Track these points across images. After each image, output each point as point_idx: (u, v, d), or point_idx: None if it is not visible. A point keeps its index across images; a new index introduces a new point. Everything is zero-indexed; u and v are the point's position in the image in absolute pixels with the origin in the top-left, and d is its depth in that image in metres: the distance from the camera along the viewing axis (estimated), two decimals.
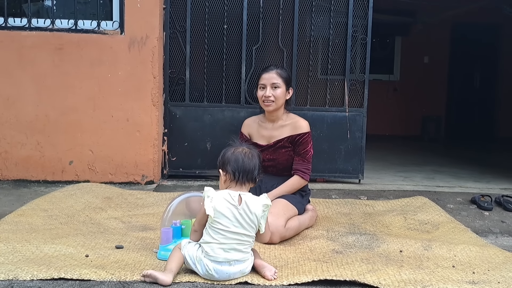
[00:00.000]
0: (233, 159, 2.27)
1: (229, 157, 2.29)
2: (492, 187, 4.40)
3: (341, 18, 4.31)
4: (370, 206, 3.63)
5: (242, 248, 2.20)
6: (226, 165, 2.28)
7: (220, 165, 2.31)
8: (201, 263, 2.18)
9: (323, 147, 4.27)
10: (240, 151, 2.31)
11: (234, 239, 2.18)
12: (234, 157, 2.28)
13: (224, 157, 2.30)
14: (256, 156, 2.34)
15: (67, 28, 4.10)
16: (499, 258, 2.56)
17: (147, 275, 2.15)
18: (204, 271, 2.18)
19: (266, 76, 3.09)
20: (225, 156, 2.30)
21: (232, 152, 2.31)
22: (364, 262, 2.45)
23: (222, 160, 2.30)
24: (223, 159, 2.30)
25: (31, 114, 4.09)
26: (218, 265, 2.16)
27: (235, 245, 2.18)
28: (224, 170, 2.29)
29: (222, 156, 2.31)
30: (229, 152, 2.31)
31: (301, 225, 2.97)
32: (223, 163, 2.29)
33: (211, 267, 2.16)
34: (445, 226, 3.16)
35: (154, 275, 2.13)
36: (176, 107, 4.31)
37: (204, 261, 2.17)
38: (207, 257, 2.17)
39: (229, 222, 2.17)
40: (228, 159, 2.28)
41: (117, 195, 3.68)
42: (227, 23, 4.28)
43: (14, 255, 2.39)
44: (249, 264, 2.24)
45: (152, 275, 2.13)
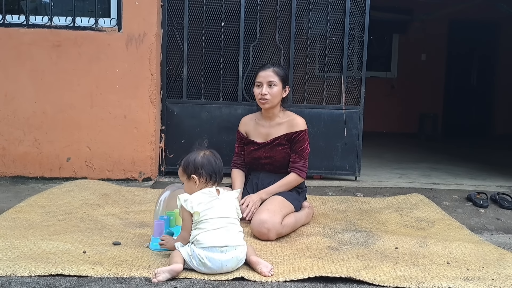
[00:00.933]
0: (206, 163, 2.36)
1: (201, 161, 2.36)
2: (488, 185, 4.42)
3: (338, 16, 4.32)
4: (367, 203, 3.65)
5: (231, 231, 2.26)
6: (200, 169, 2.35)
7: (192, 171, 2.36)
8: (194, 255, 2.20)
9: (320, 144, 4.29)
10: (208, 154, 2.40)
11: (222, 222, 2.25)
12: (206, 161, 2.37)
13: (195, 162, 2.36)
14: (219, 156, 2.45)
15: (65, 25, 4.10)
16: (493, 255, 2.58)
17: (158, 273, 2.14)
18: (197, 263, 2.20)
19: (262, 74, 3.10)
20: (197, 161, 2.37)
21: (202, 156, 2.38)
22: (359, 259, 2.47)
23: (194, 166, 2.36)
24: (195, 165, 2.36)
25: (28, 111, 4.10)
26: (210, 252, 2.19)
27: (223, 228, 2.24)
28: (198, 174, 2.35)
29: (193, 162, 2.36)
30: (199, 157, 2.38)
31: (297, 222, 2.99)
32: (196, 168, 2.35)
33: (203, 256, 2.18)
34: (441, 223, 3.18)
35: (164, 269, 2.16)
36: (174, 104, 4.32)
37: (196, 251, 2.20)
38: (198, 246, 2.20)
39: (214, 211, 2.26)
40: (201, 163, 2.36)
41: (115, 192, 3.70)
42: (224, 21, 4.28)
43: (12, 252, 2.40)
44: (242, 251, 2.27)
45: (162, 270, 2.15)
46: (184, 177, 2.39)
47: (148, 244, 2.60)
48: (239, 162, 3.29)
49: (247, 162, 3.26)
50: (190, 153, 2.42)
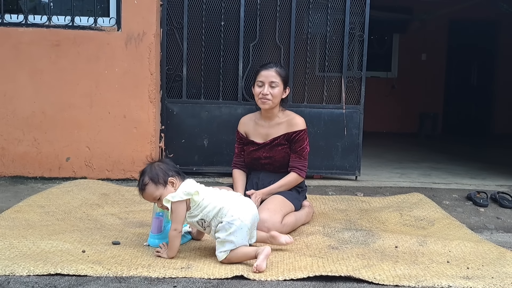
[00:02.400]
0: (166, 167, 2.46)
1: (164, 167, 2.46)
2: (488, 184, 4.42)
3: (338, 15, 4.32)
4: (367, 203, 3.64)
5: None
6: (170, 172, 2.45)
7: (166, 177, 2.43)
8: (243, 226, 2.38)
9: (320, 143, 4.28)
10: (158, 163, 2.50)
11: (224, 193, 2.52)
12: (165, 166, 2.47)
13: (163, 169, 2.45)
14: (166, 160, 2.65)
15: (64, 24, 4.10)
16: (493, 253, 2.57)
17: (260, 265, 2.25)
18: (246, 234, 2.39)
19: (265, 73, 3.08)
20: (162, 167, 2.46)
21: (159, 164, 2.49)
22: (359, 258, 2.47)
23: (164, 172, 2.44)
24: (164, 171, 2.44)
25: (28, 111, 4.09)
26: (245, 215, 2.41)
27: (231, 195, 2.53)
28: (172, 176, 2.45)
29: (161, 170, 2.45)
30: (159, 166, 2.47)
31: (297, 221, 2.99)
32: (167, 173, 2.44)
33: (247, 220, 2.40)
34: (441, 222, 3.17)
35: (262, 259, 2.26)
36: (173, 103, 4.31)
37: (244, 223, 2.38)
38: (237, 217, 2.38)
39: (207, 189, 2.49)
40: (165, 168, 2.46)
41: (114, 192, 3.69)
42: (224, 20, 4.28)
43: (10, 251, 2.40)
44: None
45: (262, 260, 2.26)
46: (160, 189, 2.42)
47: (146, 243, 2.60)
48: (240, 163, 3.27)
49: (247, 162, 3.25)
50: (144, 173, 2.46)
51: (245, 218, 2.38)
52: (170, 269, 2.25)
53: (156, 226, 2.60)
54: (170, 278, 2.18)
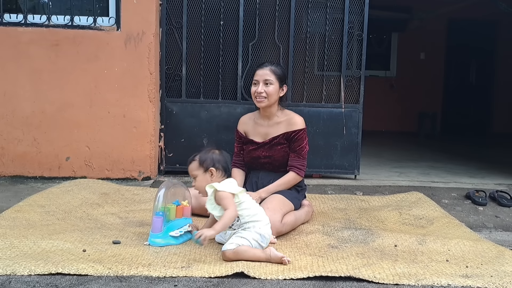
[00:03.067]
0: (222, 159, 2.63)
1: (218, 157, 2.63)
2: (487, 183, 4.43)
3: (337, 14, 4.32)
4: (366, 202, 3.65)
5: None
6: (218, 164, 2.61)
7: (210, 165, 2.60)
8: (263, 235, 2.51)
9: (319, 143, 4.29)
10: (220, 152, 2.66)
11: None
12: (222, 157, 2.64)
13: (213, 158, 2.62)
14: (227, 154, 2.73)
15: (63, 24, 4.10)
16: (492, 252, 2.58)
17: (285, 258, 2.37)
18: (262, 240, 2.49)
19: (259, 72, 3.09)
20: (214, 157, 2.62)
21: (218, 154, 2.64)
22: (359, 257, 2.48)
23: (212, 160, 2.61)
24: (213, 160, 2.61)
25: (27, 110, 4.09)
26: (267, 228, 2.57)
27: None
28: (216, 168, 2.60)
29: (211, 158, 2.61)
30: (215, 154, 2.64)
31: (297, 220, 2.99)
32: (214, 163, 2.60)
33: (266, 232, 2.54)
34: (440, 221, 3.18)
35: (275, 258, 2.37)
36: (173, 103, 4.32)
37: (261, 231, 2.51)
38: (258, 225, 2.52)
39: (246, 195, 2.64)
40: (218, 159, 2.62)
41: (114, 191, 3.70)
42: (223, 19, 4.28)
43: (11, 251, 2.40)
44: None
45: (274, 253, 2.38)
46: (200, 170, 2.60)
47: (147, 243, 2.60)
48: (239, 162, 3.28)
49: (246, 161, 3.25)
50: (202, 151, 2.65)
51: (269, 235, 2.56)
52: (170, 268, 2.25)
53: (156, 226, 2.61)
54: (171, 277, 2.19)
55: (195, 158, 2.63)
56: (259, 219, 2.54)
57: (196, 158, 2.62)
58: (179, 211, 2.74)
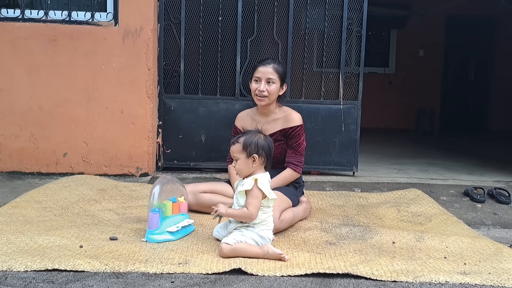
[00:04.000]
0: (266, 146, 2.51)
1: (263, 144, 2.51)
2: (485, 180, 4.42)
3: (336, 11, 4.31)
4: (364, 198, 3.65)
5: None
6: (261, 151, 2.49)
7: (254, 150, 2.48)
8: (264, 237, 2.47)
9: (318, 139, 4.28)
10: (266, 139, 2.55)
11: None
12: (266, 144, 2.52)
13: (258, 143, 2.49)
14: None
15: (60, 19, 4.08)
16: (490, 249, 2.58)
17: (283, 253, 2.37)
18: (261, 242, 2.45)
19: (262, 69, 3.07)
20: (260, 143, 2.50)
21: (263, 139, 2.52)
22: (357, 253, 2.48)
23: (257, 146, 2.49)
24: (257, 145, 2.49)
25: (24, 106, 4.08)
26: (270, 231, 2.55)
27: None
28: (259, 154, 2.49)
29: (256, 143, 2.49)
30: (261, 139, 2.51)
31: (295, 217, 2.99)
32: (258, 149, 2.49)
33: (268, 235, 2.50)
34: (438, 218, 3.18)
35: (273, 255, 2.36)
36: (171, 99, 4.30)
37: (264, 234, 2.48)
38: (265, 228, 2.51)
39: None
40: (263, 145, 2.50)
41: (112, 187, 3.69)
42: (222, 15, 4.26)
43: (8, 247, 2.39)
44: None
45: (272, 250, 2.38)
46: (243, 154, 2.49)
47: (144, 239, 2.60)
48: None
49: None
50: (248, 133, 2.55)
51: (269, 240, 2.51)
52: (167, 265, 2.25)
53: (152, 222, 2.60)
54: (168, 273, 2.18)
55: (239, 141, 2.51)
56: (267, 223, 2.52)
57: (240, 140, 2.50)
58: (175, 207, 2.74)
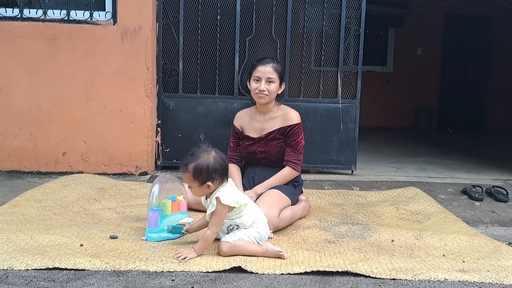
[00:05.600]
0: (218, 167, 2.36)
1: (214, 166, 2.34)
2: (483, 178, 4.44)
3: (334, 10, 4.31)
4: (363, 197, 3.66)
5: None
6: (214, 175, 2.35)
7: (206, 179, 2.34)
8: (261, 236, 2.45)
9: (316, 138, 4.29)
10: (215, 156, 2.38)
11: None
12: (218, 165, 2.36)
13: (209, 169, 2.33)
14: (222, 153, 2.46)
15: (59, 18, 4.08)
16: (488, 247, 2.59)
17: (282, 251, 2.40)
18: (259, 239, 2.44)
19: (262, 69, 3.07)
20: (210, 167, 2.33)
21: (213, 161, 2.35)
22: (356, 251, 2.49)
23: (208, 173, 2.33)
24: (209, 172, 2.33)
25: (23, 105, 4.08)
26: (266, 228, 2.52)
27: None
28: (212, 180, 2.35)
29: (206, 169, 2.32)
30: (211, 162, 2.34)
31: (294, 215, 3.00)
32: (210, 175, 2.34)
33: (265, 232, 2.49)
34: (437, 216, 3.19)
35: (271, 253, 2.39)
36: (170, 98, 4.31)
37: (260, 232, 2.45)
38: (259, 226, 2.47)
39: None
40: (214, 168, 2.34)
41: (111, 186, 3.69)
42: (220, 14, 4.27)
43: (8, 245, 2.40)
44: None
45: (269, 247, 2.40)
46: (195, 183, 2.35)
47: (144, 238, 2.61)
48: (235, 157, 3.28)
49: (242, 157, 3.26)
50: (195, 154, 2.36)
51: (267, 234, 2.52)
52: (167, 263, 2.25)
53: (152, 221, 2.61)
54: (168, 271, 2.19)
55: (188, 169, 2.31)
56: (258, 219, 2.49)
57: (190, 169, 2.31)
58: (174, 206, 2.75)
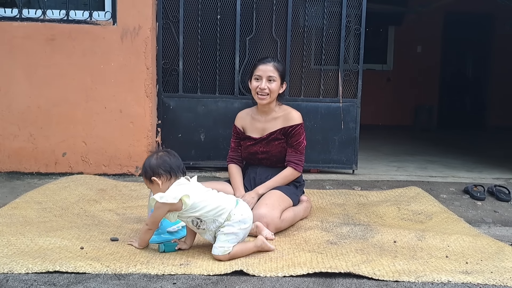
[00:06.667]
0: (161, 162, 2.38)
1: (156, 163, 2.38)
2: (485, 177, 4.43)
3: (335, 8, 4.30)
4: (364, 197, 3.64)
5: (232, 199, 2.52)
6: (158, 169, 2.37)
7: (150, 174, 2.38)
8: (230, 234, 2.37)
9: (317, 137, 4.28)
10: (162, 154, 2.42)
11: (221, 197, 2.48)
12: (161, 160, 2.39)
13: (151, 165, 2.38)
14: (174, 153, 2.48)
15: (58, 18, 4.06)
16: (491, 248, 2.58)
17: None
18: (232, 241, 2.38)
19: (262, 67, 3.05)
20: (152, 164, 2.38)
21: (156, 158, 2.40)
22: (358, 253, 2.47)
23: (151, 168, 2.37)
24: (151, 167, 2.37)
25: (23, 105, 4.06)
26: (242, 224, 2.41)
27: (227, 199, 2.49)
28: (158, 174, 2.37)
29: (149, 166, 2.38)
30: (153, 159, 2.39)
31: (296, 216, 2.98)
32: (153, 170, 2.37)
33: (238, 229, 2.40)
34: (439, 216, 3.18)
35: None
36: (170, 98, 4.29)
37: (232, 229, 2.38)
38: (232, 221, 2.39)
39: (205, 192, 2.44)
40: (157, 164, 2.38)
41: (111, 187, 3.68)
42: (220, 13, 4.25)
43: (8, 248, 2.38)
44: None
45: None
46: (148, 182, 2.42)
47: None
48: (236, 157, 3.26)
49: (243, 157, 3.24)
50: (144, 163, 2.43)
51: (250, 218, 2.46)
52: (169, 266, 2.24)
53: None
54: (169, 274, 2.17)
55: (141, 173, 2.43)
56: (225, 207, 2.38)
57: (142, 173, 2.42)
58: None
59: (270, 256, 2.40)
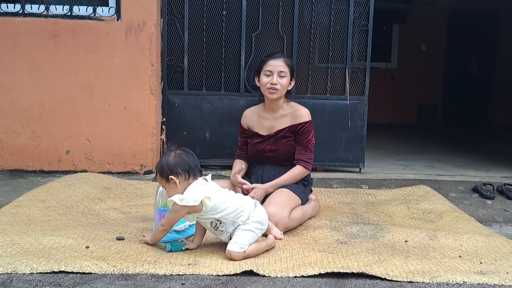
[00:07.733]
0: (179, 161, 2.34)
1: (175, 161, 2.34)
2: (493, 176, 4.38)
3: (342, 5, 4.24)
4: (372, 195, 3.59)
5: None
6: (176, 168, 2.32)
7: (168, 173, 2.33)
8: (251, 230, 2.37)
9: (324, 135, 4.22)
10: (180, 153, 2.38)
11: (240, 198, 2.49)
12: (179, 159, 2.35)
13: (169, 163, 2.33)
14: (191, 152, 2.44)
15: (62, 14, 4.01)
16: (505, 247, 2.52)
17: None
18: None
19: (273, 63, 3.00)
20: (170, 162, 2.34)
21: (174, 156, 2.36)
22: (370, 253, 2.41)
23: (169, 167, 2.33)
24: (169, 166, 2.33)
25: (26, 103, 4.00)
26: (259, 225, 2.41)
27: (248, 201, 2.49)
28: (176, 173, 2.32)
29: (167, 164, 2.34)
30: (171, 157, 2.35)
31: (304, 215, 2.93)
32: (171, 169, 2.32)
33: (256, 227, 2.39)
34: (449, 215, 3.12)
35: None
36: (175, 95, 4.24)
37: (251, 226, 2.37)
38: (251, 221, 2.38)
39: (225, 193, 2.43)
40: (175, 162, 2.33)
41: (116, 185, 3.62)
42: (226, 9, 4.19)
43: (12, 248, 2.33)
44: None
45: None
46: (163, 181, 2.36)
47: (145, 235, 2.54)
48: (242, 155, 3.22)
49: (251, 155, 3.18)
50: (160, 160, 2.39)
51: (267, 220, 2.48)
52: (177, 266, 2.19)
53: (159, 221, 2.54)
54: (178, 275, 2.12)
55: (156, 171, 2.39)
56: (244, 209, 2.37)
57: (157, 170, 2.39)
58: None
59: (280, 256, 2.35)
